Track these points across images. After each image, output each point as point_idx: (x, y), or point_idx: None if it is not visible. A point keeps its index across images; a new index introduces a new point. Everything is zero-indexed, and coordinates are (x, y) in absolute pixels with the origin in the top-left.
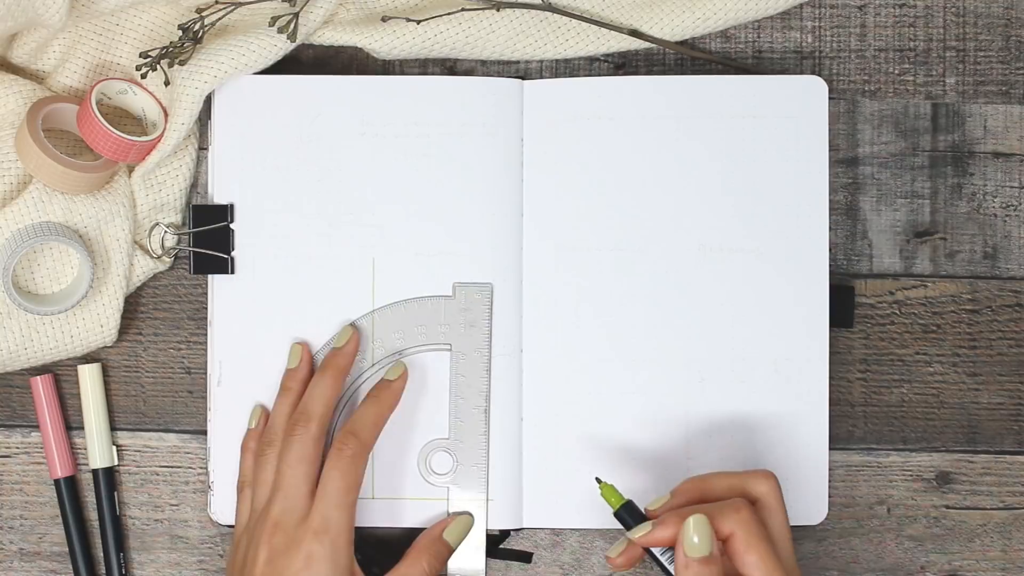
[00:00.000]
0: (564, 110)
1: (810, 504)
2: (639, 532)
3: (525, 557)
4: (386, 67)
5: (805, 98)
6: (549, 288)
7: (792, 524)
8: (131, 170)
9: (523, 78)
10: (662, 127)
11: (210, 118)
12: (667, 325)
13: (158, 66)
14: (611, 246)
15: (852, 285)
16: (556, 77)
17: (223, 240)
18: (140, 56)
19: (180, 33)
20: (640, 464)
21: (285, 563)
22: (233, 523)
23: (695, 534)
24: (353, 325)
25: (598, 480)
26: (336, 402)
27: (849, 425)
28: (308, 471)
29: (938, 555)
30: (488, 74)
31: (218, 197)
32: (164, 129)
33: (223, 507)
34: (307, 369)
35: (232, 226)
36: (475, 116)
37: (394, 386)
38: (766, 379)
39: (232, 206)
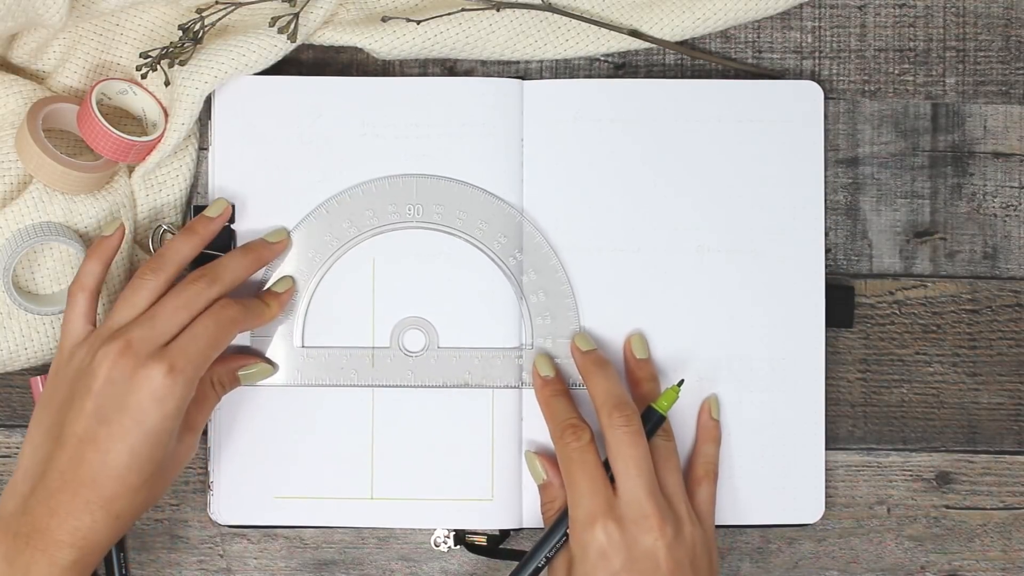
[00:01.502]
0: (564, 110)
1: (807, 503)
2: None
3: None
4: (386, 67)
5: (801, 102)
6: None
7: (789, 523)
8: (131, 170)
9: (523, 78)
10: (661, 129)
11: (210, 118)
12: (665, 325)
13: (158, 66)
14: (610, 246)
15: (852, 285)
16: (556, 77)
17: (224, 240)
18: (140, 56)
19: (180, 33)
20: None
21: (128, 388)
22: (230, 520)
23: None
24: (287, 230)
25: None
26: (242, 281)
27: (849, 425)
28: (185, 321)
29: (938, 555)
30: (488, 74)
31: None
32: (164, 129)
33: (223, 507)
34: (221, 224)
35: (233, 226)
36: (475, 117)
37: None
38: (763, 378)
39: (233, 207)
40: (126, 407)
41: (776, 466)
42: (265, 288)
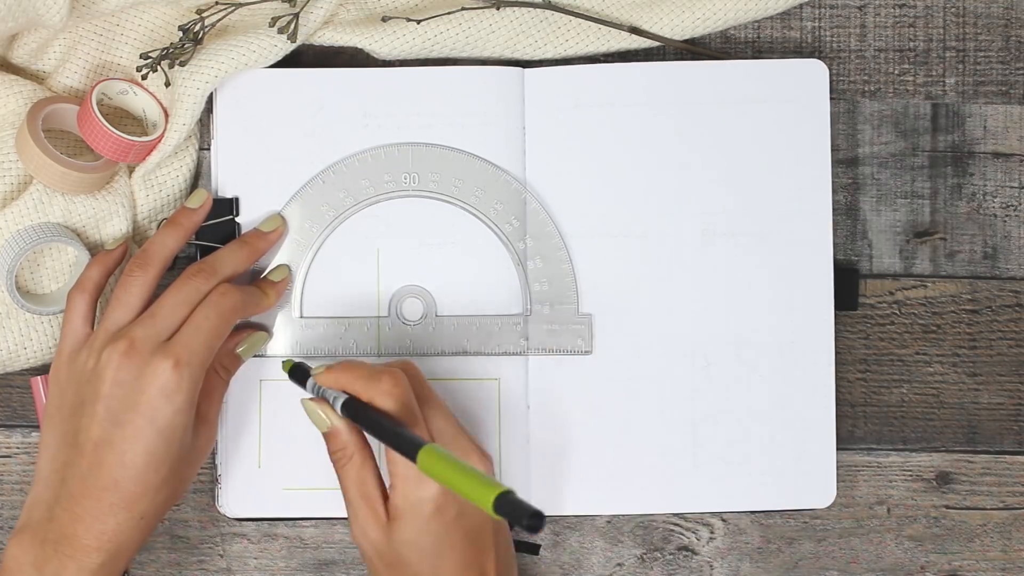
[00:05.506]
0: (565, 98)
1: (818, 488)
2: (318, 370)
3: (533, 549)
4: (386, 67)
5: (806, 82)
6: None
7: (800, 508)
8: (131, 170)
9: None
10: (664, 113)
11: (212, 112)
12: (672, 311)
13: (159, 67)
14: (614, 233)
15: (856, 267)
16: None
17: (229, 233)
18: (140, 57)
19: (180, 34)
20: (646, 451)
21: (137, 388)
22: (239, 513)
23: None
24: (282, 217)
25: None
26: (240, 273)
27: (849, 425)
28: (186, 315)
29: (938, 555)
30: None
31: (223, 191)
32: (164, 129)
33: (232, 500)
34: (204, 214)
35: (238, 219)
36: (477, 105)
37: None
38: (771, 363)
39: (237, 199)
40: (137, 406)
41: (786, 451)
42: (263, 276)
